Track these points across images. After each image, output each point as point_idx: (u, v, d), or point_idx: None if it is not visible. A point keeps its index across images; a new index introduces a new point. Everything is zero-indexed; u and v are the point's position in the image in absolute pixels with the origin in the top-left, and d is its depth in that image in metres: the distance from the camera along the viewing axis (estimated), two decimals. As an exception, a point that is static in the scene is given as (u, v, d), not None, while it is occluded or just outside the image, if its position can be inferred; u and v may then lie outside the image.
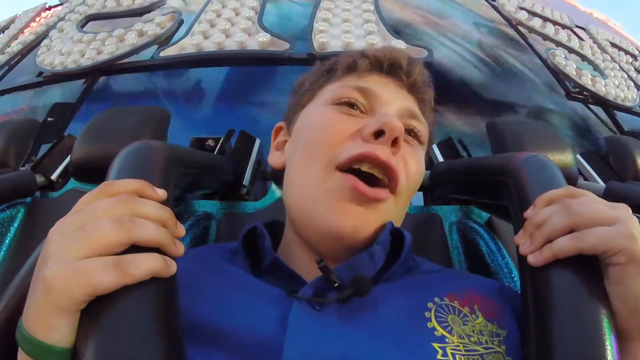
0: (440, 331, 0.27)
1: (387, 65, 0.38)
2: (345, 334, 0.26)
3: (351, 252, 0.32)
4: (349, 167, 0.32)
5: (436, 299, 0.30)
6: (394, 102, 0.36)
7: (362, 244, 0.32)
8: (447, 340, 0.27)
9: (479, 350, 0.27)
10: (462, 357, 0.26)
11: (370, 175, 0.32)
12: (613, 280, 0.26)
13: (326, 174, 0.32)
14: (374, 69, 0.38)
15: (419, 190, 0.73)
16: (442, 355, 0.26)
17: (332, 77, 0.39)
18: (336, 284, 0.29)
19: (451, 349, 0.26)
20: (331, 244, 0.32)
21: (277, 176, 0.63)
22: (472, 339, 0.27)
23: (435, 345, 0.26)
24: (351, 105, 0.35)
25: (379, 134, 0.32)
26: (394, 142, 0.32)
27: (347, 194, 0.31)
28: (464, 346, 0.27)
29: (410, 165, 0.34)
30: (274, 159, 0.40)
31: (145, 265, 0.22)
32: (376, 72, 0.38)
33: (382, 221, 0.32)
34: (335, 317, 0.28)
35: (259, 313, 0.28)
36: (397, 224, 0.35)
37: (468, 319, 0.29)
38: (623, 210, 0.27)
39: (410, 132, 0.36)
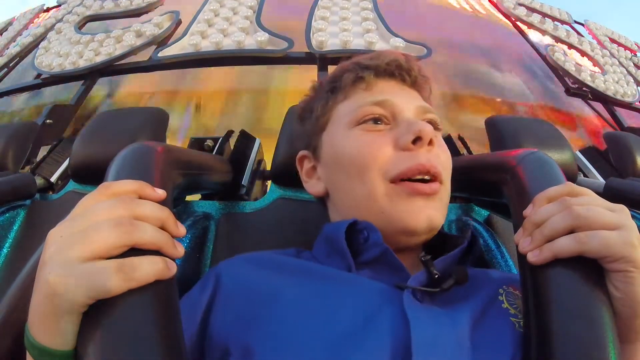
0: (512, 311, 0.32)
1: (390, 70, 0.41)
2: (452, 320, 0.30)
3: (421, 240, 0.37)
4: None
5: (504, 287, 0.34)
6: (408, 105, 0.39)
7: (433, 231, 0.36)
8: (519, 317, 0.31)
9: None
10: None
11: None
12: (614, 284, 0.26)
13: (384, 187, 0.36)
14: (379, 77, 0.41)
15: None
16: (519, 327, 0.30)
17: (339, 96, 0.41)
18: (437, 276, 0.32)
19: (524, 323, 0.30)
20: (406, 239, 0.36)
21: (276, 176, 0.63)
22: None
23: (513, 319, 0.31)
24: (375, 120, 0.38)
25: (416, 140, 0.36)
26: (430, 142, 0.36)
27: (411, 197, 0.35)
28: None
29: (441, 155, 0.38)
30: (313, 187, 0.43)
31: (148, 270, 0.22)
32: (381, 79, 0.41)
33: (443, 207, 0.37)
34: (437, 306, 0.31)
35: (372, 308, 0.30)
36: (447, 203, 0.39)
37: None
38: (623, 214, 0.27)
39: (430, 122, 0.40)
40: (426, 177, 0.35)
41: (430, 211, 0.35)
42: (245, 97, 1.30)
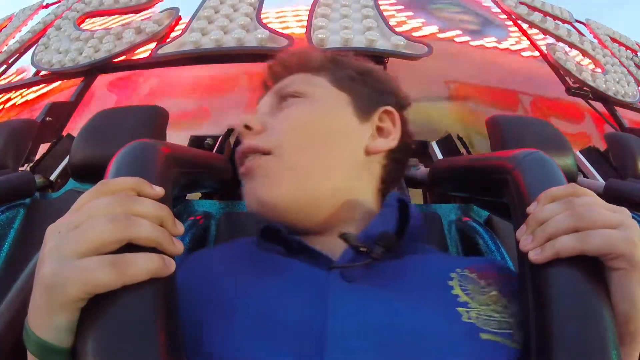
0: (463, 297, 0.30)
1: (264, 86, 0.44)
2: (380, 305, 0.28)
3: (295, 218, 0.35)
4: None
5: (457, 270, 0.32)
6: (264, 101, 0.41)
7: (279, 208, 0.35)
8: (469, 305, 0.29)
9: (497, 317, 0.29)
10: (484, 321, 0.28)
11: None
12: (613, 285, 0.26)
13: None
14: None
15: (418, 187, 0.74)
16: (467, 318, 0.28)
17: None
18: (363, 249, 0.31)
19: (475, 313, 0.29)
20: (279, 221, 0.35)
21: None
22: (490, 307, 0.30)
23: (460, 309, 0.29)
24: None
25: (239, 134, 0.38)
26: (247, 127, 0.37)
27: (242, 183, 0.37)
28: (484, 312, 0.29)
29: (274, 125, 0.37)
30: None
31: (143, 265, 0.22)
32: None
33: (275, 180, 0.35)
34: (368, 287, 0.29)
35: (297, 289, 0.29)
36: (287, 170, 0.35)
37: (485, 290, 0.31)
38: (625, 214, 0.27)
39: (286, 98, 0.40)
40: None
41: (256, 190, 0.35)
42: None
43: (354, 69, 0.42)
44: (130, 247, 0.22)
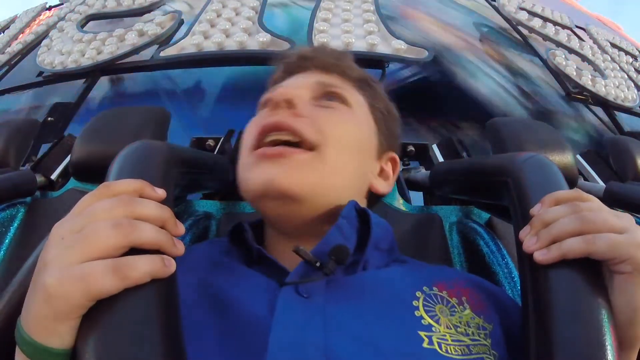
0: (427, 320, 0.28)
1: (295, 65, 0.42)
2: (330, 323, 0.27)
3: (309, 225, 0.34)
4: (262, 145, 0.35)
5: (425, 288, 0.30)
6: (303, 84, 0.38)
7: (285, 197, 0.32)
8: (433, 329, 0.27)
9: (465, 341, 0.27)
10: (449, 347, 0.26)
11: (287, 142, 0.34)
12: (615, 289, 0.26)
13: (248, 157, 0.35)
14: (286, 75, 0.42)
15: (418, 190, 0.74)
16: (428, 344, 0.26)
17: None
18: (317, 264, 0.29)
19: (437, 338, 0.27)
20: (272, 211, 0.34)
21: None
22: (459, 329, 0.28)
23: (422, 333, 0.27)
24: (264, 104, 0.38)
25: (273, 104, 0.35)
26: (290, 104, 0.34)
27: (257, 164, 0.34)
28: (450, 336, 0.27)
29: (325, 122, 0.35)
30: None
31: (144, 268, 0.22)
32: (290, 76, 0.42)
33: (301, 173, 0.33)
34: (322, 304, 0.28)
35: (251, 301, 0.29)
36: (335, 179, 0.34)
37: (456, 309, 0.29)
38: (629, 220, 0.27)
39: (329, 96, 0.38)
40: (291, 140, 0.33)
41: (273, 173, 0.32)
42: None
43: (383, 103, 0.43)
44: (133, 250, 0.23)
